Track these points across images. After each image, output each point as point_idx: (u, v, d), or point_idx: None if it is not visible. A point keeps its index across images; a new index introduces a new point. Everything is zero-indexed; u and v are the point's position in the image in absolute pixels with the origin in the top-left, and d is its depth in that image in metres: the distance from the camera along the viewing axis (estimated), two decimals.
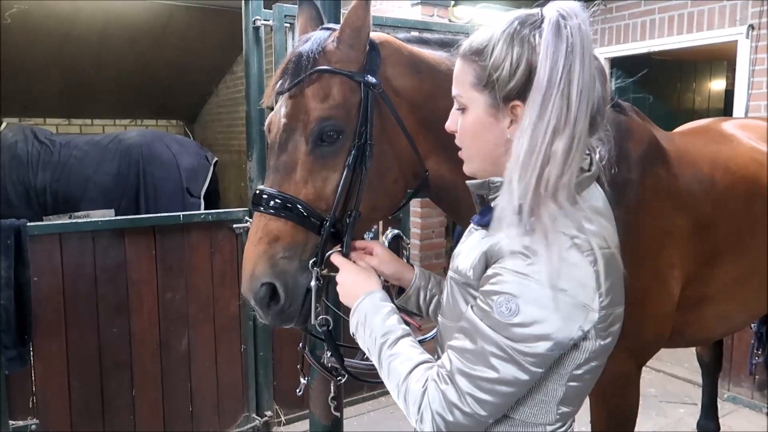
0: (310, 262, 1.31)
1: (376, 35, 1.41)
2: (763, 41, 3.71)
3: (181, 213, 3.25)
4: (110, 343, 3.04)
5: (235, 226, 3.30)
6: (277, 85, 1.36)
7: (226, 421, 3.45)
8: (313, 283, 1.31)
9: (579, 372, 0.98)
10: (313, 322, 1.35)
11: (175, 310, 3.22)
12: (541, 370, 0.94)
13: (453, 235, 4.24)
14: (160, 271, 3.15)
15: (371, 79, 1.34)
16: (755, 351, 3.45)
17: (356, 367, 1.69)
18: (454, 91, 1.10)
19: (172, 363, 3.23)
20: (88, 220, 3.10)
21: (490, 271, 0.97)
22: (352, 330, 1.19)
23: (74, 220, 3.19)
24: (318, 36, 1.37)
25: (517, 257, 0.92)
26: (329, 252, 1.34)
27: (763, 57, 3.72)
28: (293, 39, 3.35)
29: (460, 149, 1.52)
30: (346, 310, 1.27)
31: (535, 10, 1.04)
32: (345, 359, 1.71)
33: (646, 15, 4.42)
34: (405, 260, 1.51)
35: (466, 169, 1.14)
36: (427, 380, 1.01)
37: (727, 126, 2.29)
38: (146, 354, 3.15)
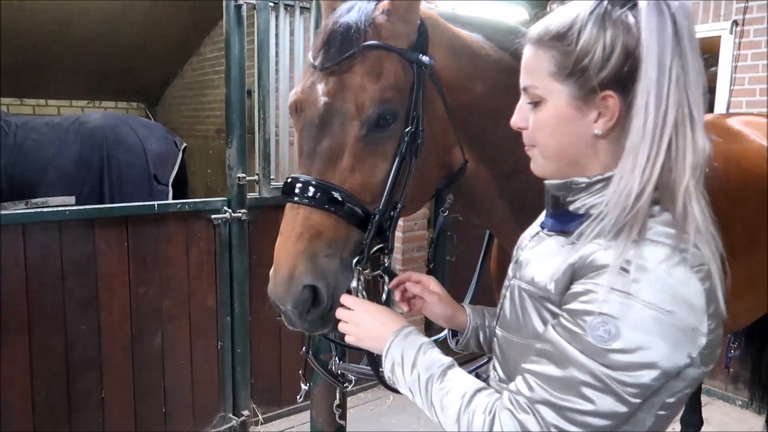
0: (354, 261, 1.19)
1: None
2: (746, 37, 3.73)
3: (155, 202, 3.05)
4: (78, 340, 2.83)
5: (213, 216, 3.13)
6: (318, 59, 1.22)
7: (201, 421, 3.29)
8: (354, 283, 1.19)
9: (672, 400, 0.87)
10: None
11: (148, 305, 3.04)
12: (640, 401, 0.83)
13: (434, 226, 4.15)
14: (132, 263, 2.96)
15: (425, 58, 1.22)
16: (731, 344, 3.50)
17: (363, 373, 1.58)
18: (525, 82, 0.97)
19: (144, 361, 3.05)
20: (55, 209, 2.86)
21: (579, 287, 0.86)
22: (387, 373, 1.07)
23: (39, 209, 2.95)
24: (364, 6, 1.23)
25: (617, 273, 0.81)
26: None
27: (746, 53, 3.74)
28: (276, 19, 3.19)
29: (492, 142, 1.41)
30: None
31: None
32: (350, 365, 1.60)
33: None
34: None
35: (538, 169, 1.02)
36: (495, 408, 0.90)
37: (733, 123, 2.25)
38: (117, 352, 2.95)
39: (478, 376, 1.24)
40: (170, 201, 3.18)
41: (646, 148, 0.85)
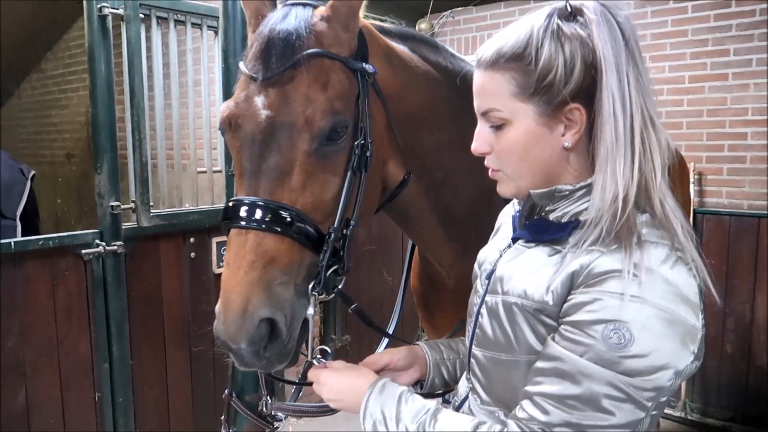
0: (310, 285, 1.10)
1: None
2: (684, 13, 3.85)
3: (11, 240, 2.63)
4: None
5: (83, 251, 2.77)
6: (256, 69, 1.12)
7: None
8: (310, 310, 1.10)
9: (665, 399, 0.88)
10: (310, 358, 1.13)
11: (6, 358, 2.60)
12: (652, 404, 0.83)
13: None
14: None
15: (368, 67, 1.18)
16: None
17: (299, 410, 1.47)
18: (486, 107, 0.96)
19: (5, 423, 2.60)
20: None
21: (583, 297, 0.84)
22: None
23: None
24: (301, 13, 1.15)
25: (625, 277, 0.81)
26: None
27: (685, 28, 3.86)
28: (148, 32, 2.94)
29: (431, 160, 1.39)
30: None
31: (557, 4, 0.96)
32: (285, 404, 1.48)
33: (492, 28, 4.69)
34: None
35: (509, 191, 1.00)
36: None
37: None
38: None
39: (446, 401, 1.19)
40: (30, 237, 2.75)
41: (621, 152, 0.87)
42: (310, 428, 3.56)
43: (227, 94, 2.57)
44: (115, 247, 2.85)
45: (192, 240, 3.21)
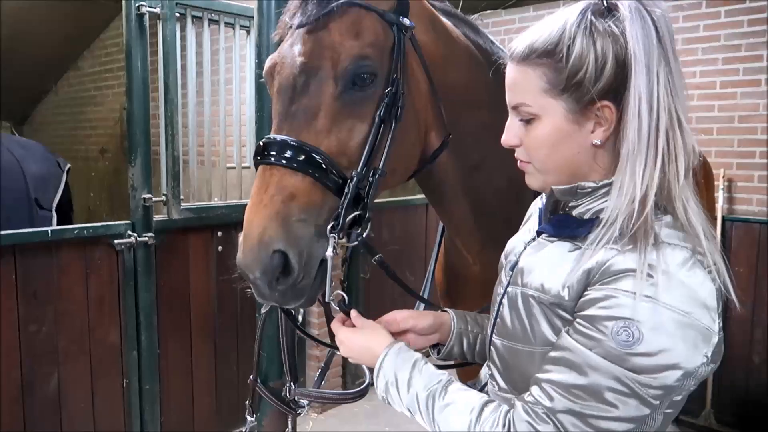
0: (329, 227, 1.11)
1: None
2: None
3: (48, 228, 2.74)
4: None
5: (116, 242, 2.86)
6: (295, 17, 1.17)
7: None
8: (329, 252, 1.10)
9: (678, 398, 0.89)
10: (328, 299, 1.14)
11: (41, 345, 2.70)
12: (659, 402, 0.84)
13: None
14: (21, 299, 2.62)
15: (405, 21, 1.20)
16: None
17: (322, 397, 1.50)
18: (516, 100, 0.96)
19: (38, 408, 2.70)
20: None
21: (597, 293, 0.85)
22: (380, 393, 1.03)
23: None
24: None
25: (639, 277, 0.82)
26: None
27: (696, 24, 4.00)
28: (184, 30, 3.02)
29: (463, 139, 1.37)
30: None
31: (590, 1, 0.94)
32: (308, 390, 1.51)
33: (521, 32, 4.68)
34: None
35: (536, 183, 1.01)
36: (509, 421, 0.88)
37: None
38: (4, 400, 2.59)
39: (469, 386, 1.21)
40: (66, 226, 2.86)
41: (642, 154, 0.86)
42: (329, 427, 3.59)
43: (259, 91, 2.64)
44: (146, 239, 2.94)
45: (220, 234, 3.29)
